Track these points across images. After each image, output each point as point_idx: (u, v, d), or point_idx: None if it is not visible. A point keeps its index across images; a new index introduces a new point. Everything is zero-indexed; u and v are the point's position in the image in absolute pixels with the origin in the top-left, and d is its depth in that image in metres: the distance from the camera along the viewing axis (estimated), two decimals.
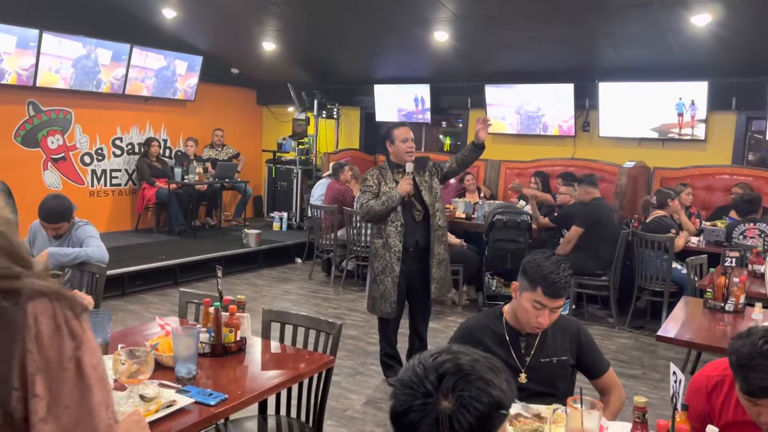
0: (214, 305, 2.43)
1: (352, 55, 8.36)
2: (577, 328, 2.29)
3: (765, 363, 1.57)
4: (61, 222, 3.56)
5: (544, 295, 2.09)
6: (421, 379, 1.01)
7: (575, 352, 2.26)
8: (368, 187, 3.99)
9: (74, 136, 7.75)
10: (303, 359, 2.49)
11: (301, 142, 9.17)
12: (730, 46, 5.97)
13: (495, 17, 6.24)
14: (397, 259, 3.95)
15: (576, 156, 7.45)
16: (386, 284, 3.98)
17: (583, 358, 2.28)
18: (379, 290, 4.01)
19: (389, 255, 3.96)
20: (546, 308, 2.10)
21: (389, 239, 3.95)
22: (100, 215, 7.96)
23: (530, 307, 2.12)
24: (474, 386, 1.00)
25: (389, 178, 3.99)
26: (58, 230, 3.58)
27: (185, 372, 2.17)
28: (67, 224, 3.61)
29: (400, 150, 3.98)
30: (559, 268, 2.09)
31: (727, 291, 3.37)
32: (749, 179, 6.36)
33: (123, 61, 7.69)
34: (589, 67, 7.07)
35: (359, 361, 4.58)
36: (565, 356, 2.24)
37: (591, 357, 2.28)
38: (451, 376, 1.00)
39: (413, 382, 1.02)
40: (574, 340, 2.26)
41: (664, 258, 5.34)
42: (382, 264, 3.99)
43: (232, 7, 6.95)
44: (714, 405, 1.84)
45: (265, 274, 7.21)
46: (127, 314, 5.49)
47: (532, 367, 2.20)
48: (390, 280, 3.96)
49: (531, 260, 2.15)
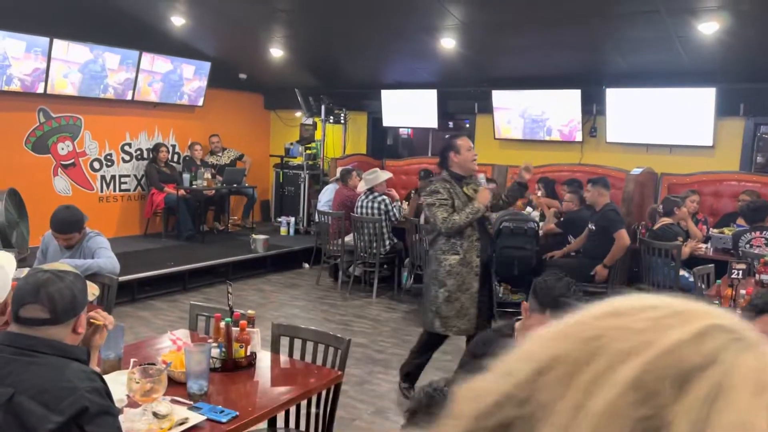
0: (224, 321, 2.47)
1: (359, 60, 8.40)
2: None
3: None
4: (72, 233, 3.62)
5: (554, 319, 2.07)
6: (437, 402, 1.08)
7: None
8: (444, 200, 3.78)
9: (84, 142, 7.81)
10: (312, 374, 2.52)
11: (308, 147, 9.21)
12: (738, 53, 5.97)
13: (501, 24, 6.26)
14: (475, 275, 3.80)
15: (583, 161, 7.45)
16: (462, 301, 3.80)
17: None
18: (455, 308, 3.81)
19: (466, 271, 3.79)
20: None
21: (467, 254, 3.79)
22: (109, 220, 8.03)
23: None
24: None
25: (459, 191, 3.84)
26: (69, 240, 3.64)
27: (197, 388, 2.20)
28: (78, 235, 3.66)
29: (467, 159, 3.90)
30: (570, 291, 2.07)
31: (734, 303, 3.38)
32: (757, 186, 6.35)
33: (132, 67, 7.76)
34: (596, 72, 7.07)
35: (367, 369, 4.60)
36: None
37: None
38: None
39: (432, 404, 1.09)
40: None
41: (672, 265, 5.35)
42: (458, 281, 3.79)
43: (240, 14, 6.99)
44: None
45: (272, 280, 7.25)
46: (136, 321, 5.54)
47: None
48: (468, 297, 3.80)
49: (542, 282, 2.13)
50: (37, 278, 1.76)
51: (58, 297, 1.74)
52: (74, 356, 1.74)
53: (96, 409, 1.62)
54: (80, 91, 7.38)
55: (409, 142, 10.87)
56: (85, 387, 1.63)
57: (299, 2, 6.55)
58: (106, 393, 1.70)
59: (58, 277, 1.78)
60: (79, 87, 7.36)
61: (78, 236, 3.65)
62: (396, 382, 4.24)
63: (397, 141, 10.56)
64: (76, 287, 1.80)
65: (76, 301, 1.78)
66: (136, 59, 7.76)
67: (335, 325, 5.59)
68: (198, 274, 6.75)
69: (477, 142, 8.40)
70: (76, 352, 1.76)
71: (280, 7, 6.65)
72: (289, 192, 9.24)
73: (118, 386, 2.10)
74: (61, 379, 1.64)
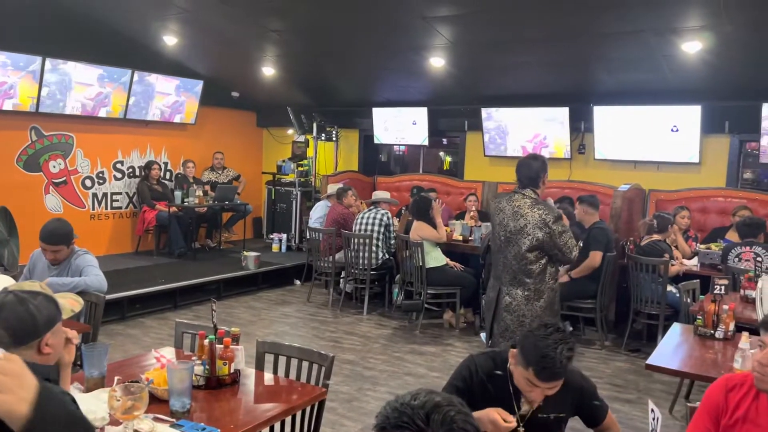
0: (208, 338, 2.48)
1: (350, 79, 8.48)
2: (580, 386, 2.23)
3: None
4: (60, 245, 3.60)
5: (536, 376, 1.98)
6: (411, 418, 1.09)
7: (575, 407, 2.24)
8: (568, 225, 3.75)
9: (76, 160, 7.84)
10: (295, 391, 2.53)
11: (300, 164, 9.26)
12: (722, 72, 6.06)
13: (488, 43, 6.34)
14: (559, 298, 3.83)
15: (572, 178, 7.52)
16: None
17: (583, 411, 2.27)
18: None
19: (555, 296, 3.76)
20: (540, 389, 2.01)
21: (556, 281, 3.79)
22: (100, 238, 8.03)
23: (523, 383, 2.05)
24: (459, 418, 1.09)
25: None
26: (57, 254, 3.61)
27: (179, 406, 2.21)
28: (67, 249, 3.65)
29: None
30: (556, 351, 1.96)
31: (717, 318, 3.42)
32: (743, 201, 6.42)
33: (124, 85, 7.81)
34: (584, 91, 7.16)
35: (356, 386, 4.60)
36: (563, 413, 2.22)
37: (591, 410, 2.27)
38: (437, 413, 1.09)
39: (403, 421, 1.09)
40: (577, 397, 2.22)
41: (659, 281, 5.39)
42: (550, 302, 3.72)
43: (232, 34, 7.07)
44: (730, 401, 1.96)
45: (263, 297, 7.25)
46: (126, 339, 5.53)
47: (530, 422, 2.17)
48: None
49: (530, 335, 2.03)
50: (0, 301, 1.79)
51: (14, 321, 1.76)
52: (43, 375, 1.76)
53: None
54: (74, 111, 7.42)
55: (403, 158, 10.94)
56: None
57: (291, 23, 6.62)
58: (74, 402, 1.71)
59: (19, 300, 1.79)
60: (74, 107, 7.40)
61: (66, 250, 3.64)
62: (384, 399, 4.24)
63: (390, 157, 10.63)
64: (39, 310, 1.80)
65: (37, 323, 1.79)
66: (129, 78, 7.81)
67: (325, 342, 5.59)
68: (189, 292, 6.74)
69: (467, 159, 8.51)
70: (43, 371, 1.78)
71: (271, 28, 6.73)
72: (281, 209, 9.27)
73: (100, 404, 2.11)
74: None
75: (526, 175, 3.71)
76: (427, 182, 8.43)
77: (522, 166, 3.75)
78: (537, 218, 3.59)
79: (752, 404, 1.93)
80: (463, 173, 8.53)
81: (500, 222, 3.75)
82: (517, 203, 3.68)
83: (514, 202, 3.70)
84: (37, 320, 1.79)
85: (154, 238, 8.29)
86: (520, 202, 3.67)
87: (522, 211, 3.64)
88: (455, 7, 5.72)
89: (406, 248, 6.27)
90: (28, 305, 1.79)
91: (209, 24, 6.85)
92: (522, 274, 3.66)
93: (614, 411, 4.21)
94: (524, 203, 3.65)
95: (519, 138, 7.74)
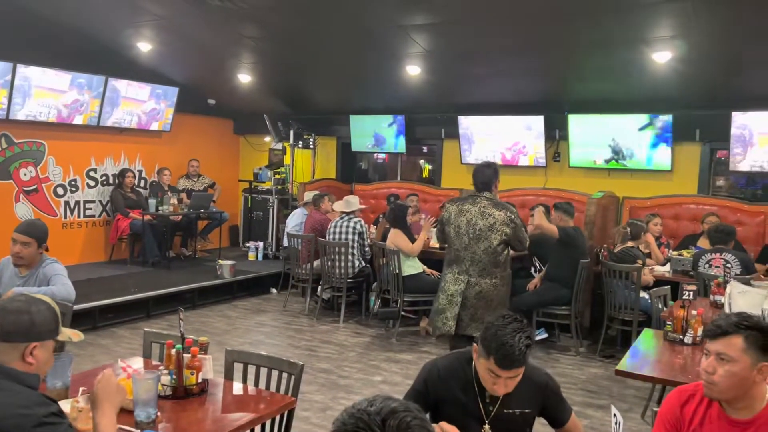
0: (175, 347, 2.45)
1: (327, 86, 8.48)
2: (545, 383, 2.26)
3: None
4: (31, 238, 3.56)
5: (497, 365, 2.03)
6: (367, 424, 1.09)
7: (540, 404, 2.26)
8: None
9: (47, 167, 7.71)
10: (264, 400, 2.50)
11: (277, 172, 9.22)
12: (692, 81, 6.17)
13: (464, 52, 6.39)
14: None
15: (548, 186, 7.58)
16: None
17: (548, 410, 2.28)
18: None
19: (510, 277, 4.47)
20: (501, 378, 2.05)
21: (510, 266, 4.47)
22: (73, 247, 7.91)
23: (486, 375, 2.08)
24: (415, 423, 1.10)
25: None
26: (25, 248, 3.55)
27: (144, 416, 2.17)
28: (36, 248, 3.59)
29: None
30: (515, 339, 2.01)
31: (686, 323, 3.46)
32: (714, 208, 6.52)
33: (98, 92, 7.72)
34: (558, 99, 7.24)
35: (330, 395, 4.57)
36: (529, 409, 2.23)
37: (556, 409, 2.28)
38: (393, 418, 1.09)
39: (359, 427, 1.09)
40: (541, 394, 2.25)
41: (632, 287, 5.45)
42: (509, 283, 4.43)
43: (207, 40, 7.03)
44: (685, 414, 1.99)
45: (239, 306, 7.18)
46: (96, 349, 5.44)
47: (496, 418, 2.19)
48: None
49: (490, 326, 2.08)
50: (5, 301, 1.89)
51: (12, 315, 1.81)
52: (27, 383, 1.78)
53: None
54: (44, 117, 7.31)
55: (383, 166, 10.96)
56: (42, 413, 1.68)
57: (267, 30, 6.60)
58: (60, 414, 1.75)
59: (27, 300, 1.87)
60: (46, 114, 7.29)
61: (34, 250, 3.57)
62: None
63: (369, 165, 10.64)
64: (38, 315, 1.85)
65: (30, 327, 1.83)
66: (102, 84, 7.72)
67: (300, 351, 5.55)
68: (163, 301, 6.65)
69: (444, 167, 8.55)
70: (27, 379, 1.80)
71: (247, 35, 6.70)
72: (257, 217, 9.21)
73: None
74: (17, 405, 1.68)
75: (481, 180, 4.26)
76: (404, 190, 8.44)
77: (477, 173, 4.28)
78: (504, 216, 4.14)
79: (706, 413, 1.97)
80: (440, 181, 8.56)
81: (468, 221, 4.19)
82: (482, 204, 4.19)
83: (479, 204, 4.19)
84: (32, 323, 1.83)
85: (128, 246, 8.17)
86: (483, 203, 4.19)
87: (488, 211, 4.16)
88: (430, 16, 5.76)
89: (382, 256, 6.26)
90: (30, 306, 1.86)
91: (184, 31, 6.81)
92: (491, 265, 4.17)
93: (587, 417, 4.25)
94: (488, 204, 4.18)
95: (492, 146, 7.79)
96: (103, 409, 1.86)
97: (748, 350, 1.85)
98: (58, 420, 1.71)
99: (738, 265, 5.16)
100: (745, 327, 1.88)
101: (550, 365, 5.35)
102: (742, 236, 6.10)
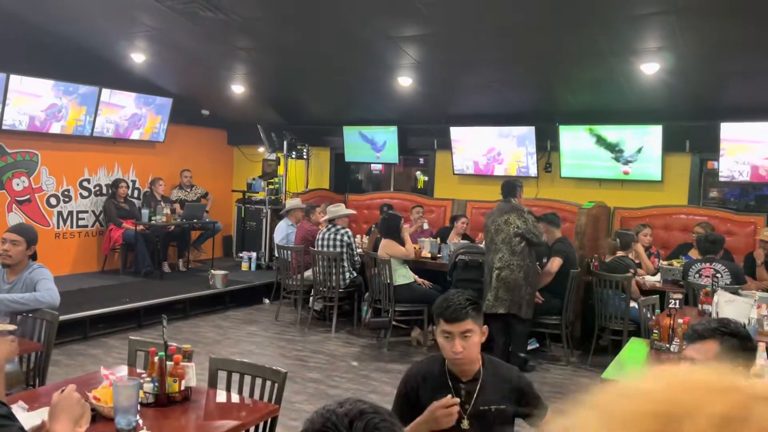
0: (158, 355, 2.45)
1: (320, 97, 8.52)
2: (517, 377, 2.35)
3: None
4: (21, 237, 3.62)
5: (445, 322, 2.19)
6: (335, 424, 1.10)
7: (515, 400, 2.30)
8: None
9: (40, 177, 7.72)
10: (247, 408, 2.50)
11: (271, 182, 9.23)
12: (681, 92, 6.23)
13: (455, 63, 6.44)
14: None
15: (539, 196, 7.61)
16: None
17: (523, 406, 2.31)
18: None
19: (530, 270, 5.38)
20: (454, 335, 2.18)
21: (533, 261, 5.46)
22: (65, 257, 7.89)
23: (443, 341, 2.22)
24: (383, 426, 1.10)
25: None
26: (14, 247, 3.58)
27: (125, 423, 2.17)
28: (25, 248, 3.62)
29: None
30: (458, 296, 2.22)
31: (672, 332, 3.47)
32: (704, 218, 6.55)
33: (92, 102, 7.74)
34: (549, 110, 7.29)
35: (319, 405, 4.52)
36: (503, 405, 2.27)
37: (531, 405, 2.31)
38: (361, 420, 1.10)
39: (327, 427, 1.10)
40: (514, 389, 2.31)
41: (623, 297, 5.46)
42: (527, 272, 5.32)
43: (200, 51, 7.07)
44: None
45: (231, 316, 7.17)
46: (87, 359, 5.42)
47: (474, 415, 2.23)
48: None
49: (441, 299, 2.29)
50: None
51: None
52: None
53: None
54: (39, 129, 7.32)
55: (377, 177, 10.98)
56: None
57: (259, 41, 6.65)
58: (11, 417, 1.71)
59: None
60: (39, 124, 7.30)
61: (23, 250, 3.61)
62: None
63: (365, 176, 10.66)
64: None
65: None
66: (96, 95, 7.75)
67: (290, 361, 5.54)
68: (154, 311, 6.62)
69: (437, 178, 8.58)
70: None
71: (240, 46, 6.74)
72: (251, 227, 9.21)
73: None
74: None
75: (507, 190, 5.48)
76: (397, 200, 8.46)
77: (506, 184, 5.53)
78: (516, 214, 5.24)
79: None
80: (433, 191, 8.58)
81: (493, 221, 5.34)
82: (502, 205, 5.39)
83: (501, 205, 5.42)
84: None
85: (120, 257, 8.16)
86: (503, 205, 5.39)
87: (506, 208, 5.34)
88: (419, 27, 5.80)
89: (374, 265, 6.27)
90: None
91: (178, 42, 6.85)
92: (509, 254, 5.19)
93: None
94: (506, 205, 5.37)
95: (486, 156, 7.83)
96: (60, 419, 1.80)
97: (722, 355, 1.86)
98: (9, 422, 1.70)
99: (728, 275, 5.17)
100: (721, 333, 1.90)
101: (541, 375, 5.35)
102: (732, 246, 6.13)
